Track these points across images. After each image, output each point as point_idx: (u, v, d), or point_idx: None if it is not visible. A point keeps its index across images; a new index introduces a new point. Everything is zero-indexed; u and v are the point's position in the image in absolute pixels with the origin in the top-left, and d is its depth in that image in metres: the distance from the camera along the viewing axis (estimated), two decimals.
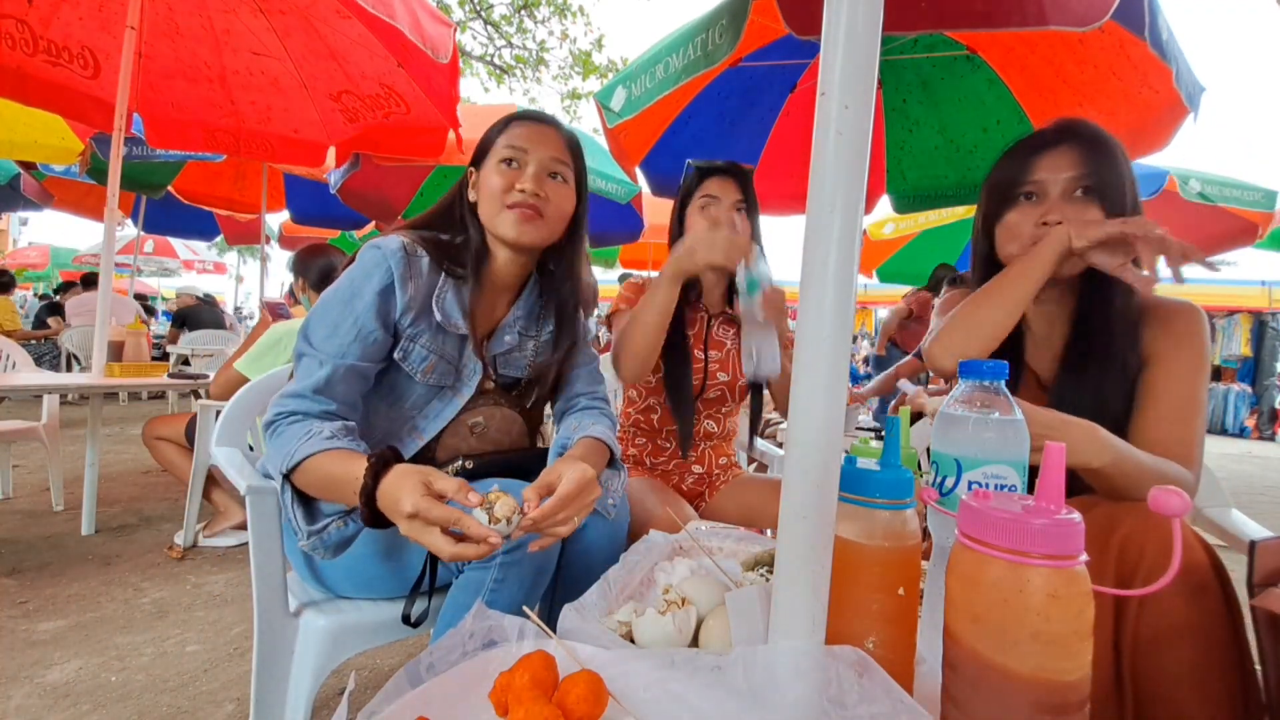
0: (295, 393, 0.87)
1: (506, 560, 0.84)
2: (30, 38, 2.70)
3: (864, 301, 10.78)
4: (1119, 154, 0.92)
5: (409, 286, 0.92)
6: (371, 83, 3.08)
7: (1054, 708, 0.41)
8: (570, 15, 9.10)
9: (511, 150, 0.97)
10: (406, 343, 0.94)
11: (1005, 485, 0.61)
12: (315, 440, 0.81)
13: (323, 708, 1.36)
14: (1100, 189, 0.90)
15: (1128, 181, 0.91)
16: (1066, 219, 0.89)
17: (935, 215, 4.73)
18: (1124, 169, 0.91)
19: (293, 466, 0.81)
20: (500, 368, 1.06)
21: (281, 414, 0.86)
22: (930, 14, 1.49)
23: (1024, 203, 0.94)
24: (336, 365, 0.88)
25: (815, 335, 0.50)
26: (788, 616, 0.51)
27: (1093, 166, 0.90)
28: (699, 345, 1.38)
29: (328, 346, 0.89)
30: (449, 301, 0.96)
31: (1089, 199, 0.90)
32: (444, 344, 0.97)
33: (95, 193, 5.17)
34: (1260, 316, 9.03)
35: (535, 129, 0.99)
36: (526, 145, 0.97)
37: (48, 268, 11.17)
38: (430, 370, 0.97)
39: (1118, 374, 0.90)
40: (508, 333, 1.06)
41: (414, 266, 0.94)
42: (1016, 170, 0.95)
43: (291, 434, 0.83)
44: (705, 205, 1.34)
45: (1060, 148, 0.92)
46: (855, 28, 0.50)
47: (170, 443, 2.37)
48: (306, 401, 0.86)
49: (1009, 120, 2.23)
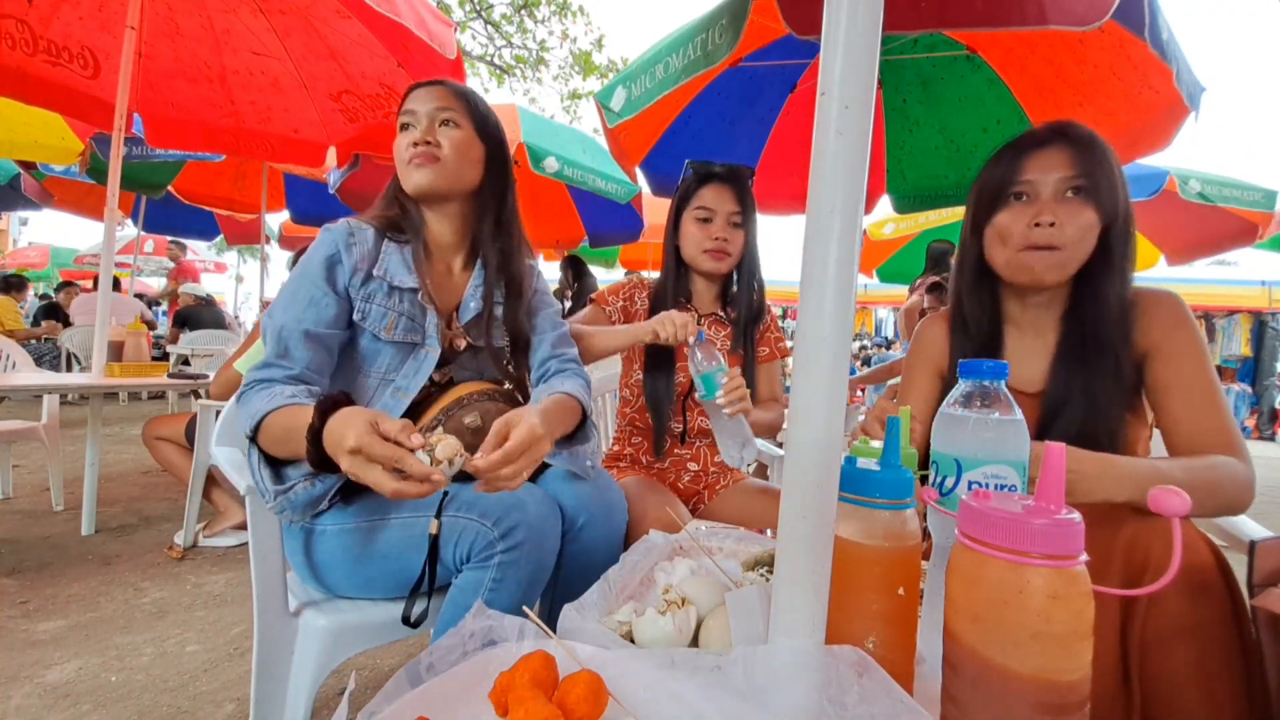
0: (261, 364, 0.92)
1: (505, 560, 0.84)
2: (30, 37, 2.70)
3: (864, 301, 10.78)
4: (1110, 157, 0.92)
5: (353, 252, 0.99)
6: (371, 83, 3.08)
7: (1054, 708, 0.41)
8: (570, 15, 9.10)
9: (406, 115, 1.05)
10: (362, 303, 1.00)
11: (1005, 485, 0.61)
12: (276, 399, 0.84)
13: (323, 708, 1.36)
14: (1092, 190, 0.89)
15: (1119, 184, 0.91)
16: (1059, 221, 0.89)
17: (935, 215, 4.74)
18: (1115, 172, 0.91)
19: (256, 425, 0.83)
20: (474, 337, 1.09)
21: (249, 384, 0.90)
22: (930, 14, 1.49)
23: (1014, 203, 0.93)
24: (292, 330, 0.93)
25: (815, 335, 0.50)
26: (788, 616, 0.51)
27: (1084, 167, 0.89)
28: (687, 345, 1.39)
29: (284, 316, 0.94)
30: (393, 263, 1.02)
31: (1081, 199, 0.89)
32: (401, 301, 1.02)
33: (95, 192, 5.18)
34: (1260, 316, 9.03)
35: (421, 91, 1.06)
36: (415, 106, 1.04)
37: (48, 268, 11.17)
38: (392, 327, 1.01)
39: (1110, 370, 0.90)
40: (471, 300, 1.10)
41: (357, 236, 1.01)
42: (1006, 170, 0.94)
43: (256, 398, 0.87)
44: (702, 219, 1.36)
45: (1051, 147, 0.91)
46: (855, 28, 0.50)
47: (170, 443, 2.37)
48: (270, 369, 0.91)
49: (1009, 120, 2.23)
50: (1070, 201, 0.89)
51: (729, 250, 1.36)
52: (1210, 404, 0.86)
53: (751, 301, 1.44)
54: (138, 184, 4.80)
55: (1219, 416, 0.86)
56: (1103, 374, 0.90)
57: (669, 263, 1.43)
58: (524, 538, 0.85)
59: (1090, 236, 0.89)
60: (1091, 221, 0.89)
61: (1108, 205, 0.89)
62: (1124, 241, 0.91)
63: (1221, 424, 0.85)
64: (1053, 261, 0.90)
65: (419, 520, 0.91)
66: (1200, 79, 1.69)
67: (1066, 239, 0.89)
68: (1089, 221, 0.88)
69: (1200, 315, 8.99)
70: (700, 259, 1.37)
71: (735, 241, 1.36)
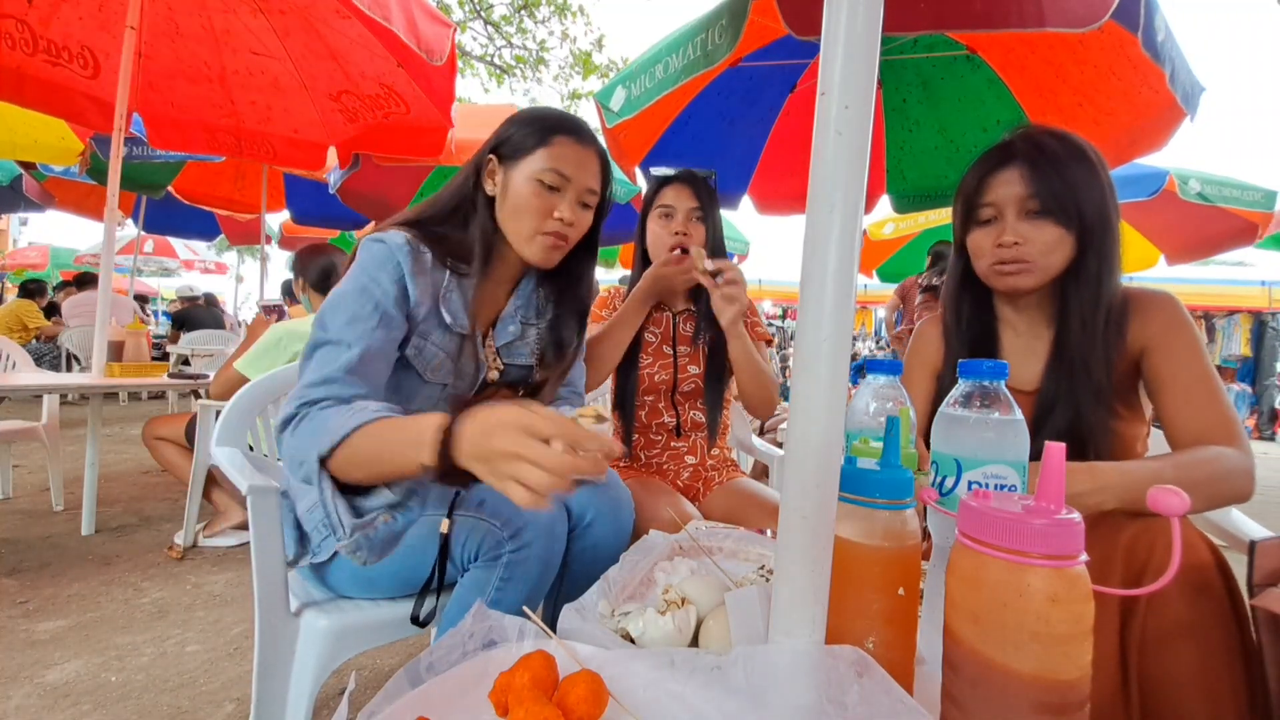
0: (324, 378, 0.78)
1: (513, 559, 0.84)
2: (30, 38, 2.70)
3: (864, 301, 10.79)
4: (1074, 162, 0.91)
5: (419, 282, 0.90)
6: (371, 83, 3.08)
7: (1054, 707, 0.41)
8: (570, 15, 9.10)
9: (555, 176, 0.94)
10: (419, 339, 0.92)
11: (1005, 485, 0.61)
12: (364, 414, 0.72)
13: (323, 708, 1.36)
14: (1050, 207, 0.90)
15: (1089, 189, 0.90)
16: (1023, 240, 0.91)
17: (935, 215, 4.74)
18: (1082, 177, 0.91)
19: (338, 442, 0.71)
20: (505, 357, 1.06)
21: (309, 402, 0.77)
22: (930, 14, 1.49)
23: (982, 224, 0.97)
24: (367, 345, 0.82)
25: (815, 335, 0.50)
26: (788, 616, 0.51)
27: (1039, 185, 0.90)
28: (667, 342, 1.44)
29: (351, 332, 0.82)
30: (454, 301, 0.95)
31: (1041, 218, 0.91)
32: (449, 342, 0.96)
33: (95, 193, 5.18)
34: (1260, 316, 9.03)
35: (579, 153, 0.96)
36: (570, 173, 0.95)
37: (48, 268, 11.16)
38: (439, 368, 0.95)
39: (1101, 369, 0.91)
40: (510, 323, 1.05)
41: (420, 262, 0.91)
42: (973, 191, 0.97)
43: (329, 416, 0.73)
44: (662, 215, 1.39)
45: (1008, 168, 0.93)
46: (855, 28, 0.50)
47: (170, 443, 2.37)
48: (338, 386, 0.78)
49: (1009, 120, 2.23)
50: (1031, 220, 0.92)
51: (690, 245, 1.37)
52: (1209, 397, 0.87)
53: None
54: (138, 184, 4.80)
55: (1218, 409, 0.86)
56: (1092, 373, 0.91)
57: (638, 267, 1.45)
58: (532, 537, 0.85)
59: (1058, 248, 0.91)
60: (1055, 236, 0.91)
61: (1073, 214, 0.90)
62: (1101, 244, 0.92)
63: (1221, 416, 0.86)
64: (1023, 275, 0.93)
65: (428, 519, 0.91)
66: (1200, 79, 1.69)
67: (1032, 254, 0.92)
68: (1052, 237, 0.91)
69: (1200, 315, 9.00)
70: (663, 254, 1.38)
71: (696, 235, 1.38)
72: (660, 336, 1.44)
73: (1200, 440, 0.85)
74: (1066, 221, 0.90)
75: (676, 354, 1.42)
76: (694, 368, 1.41)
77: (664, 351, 1.42)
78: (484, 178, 0.98)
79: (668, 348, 1.43)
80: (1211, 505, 0.82)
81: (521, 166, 0.95)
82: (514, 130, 0.97)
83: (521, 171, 0.94)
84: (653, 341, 1.43)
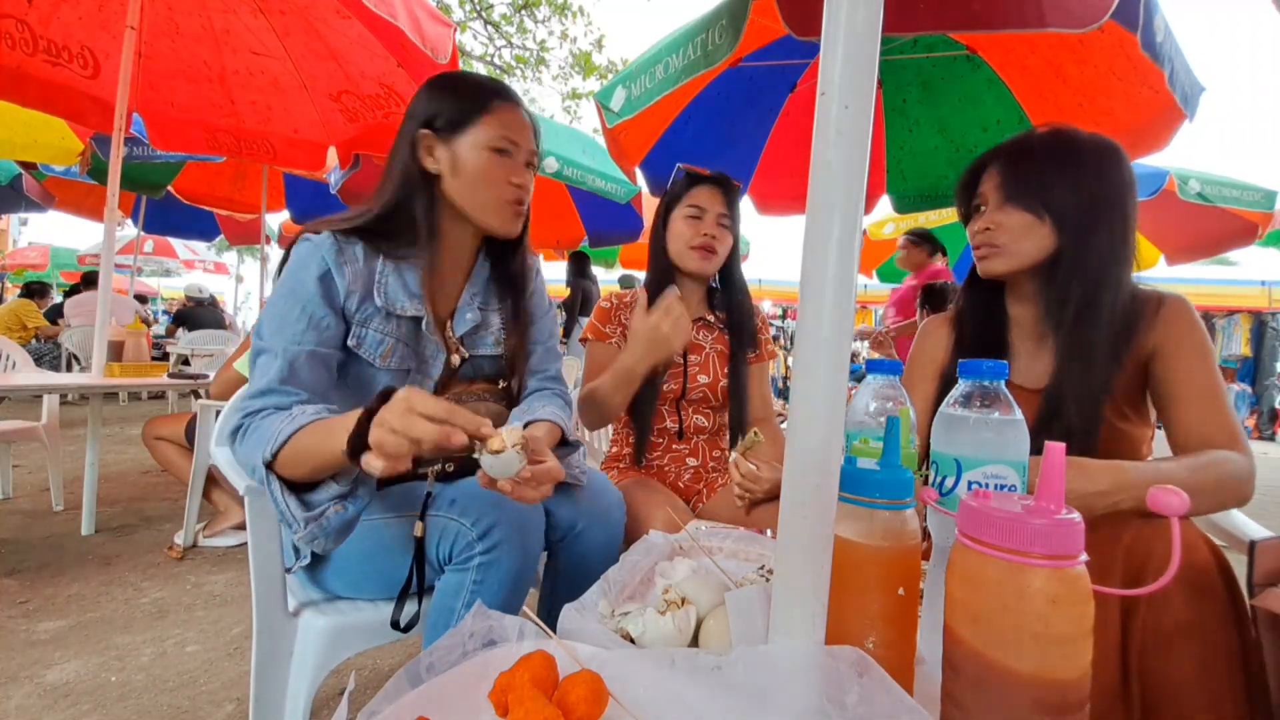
0: (261, 390, 0.82)
1: (484, 560, 0.83)
2: (30, 37, 2.70)
3: (864, 301, 10.78)
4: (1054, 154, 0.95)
5: (346, 272, 0.90)
6: (371, 83, 3.08)
7: (1054, 707, 0.41)
8: (570, 15, 9.11)
9: (506, 142, 0.95)
10: (358, 328, 0.91)
11: (1005, 485, 0.61)
12: (301, 419, 0.76)
13: (323, 708, 1.36)
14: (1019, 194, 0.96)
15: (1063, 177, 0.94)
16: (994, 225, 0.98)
17: (935, 215, 4.73)
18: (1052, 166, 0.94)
19: (279, 447, 0.75)
20: (470, 347, 1.04)
21: (251, 413, 0.80)
22: (930, 14, 1.49)
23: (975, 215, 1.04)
24: (296, 352, 0.84)
25: (815, 335, 0.50)
26: (788, 616, 0.51)
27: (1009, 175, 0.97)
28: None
29: (280, 338, 0.84)
30: (392, 286, 0.93)
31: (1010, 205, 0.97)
32: (398, 328, 0.94)
33: (95, 193, 5.18)
34: (1260, 316, 9.03)
35: (518, 117, 0.97)
36: (516, 138, 0.96)
37: (48, 268, 11.16)
38: (389, 354, 0.93)
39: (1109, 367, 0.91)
40: (468, 310, 1.03)
41: (347, 253, 0.91)
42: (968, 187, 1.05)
43: (269, 424, 0.77)
44: (691, 216, 1.36)
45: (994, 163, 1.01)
46: (855, 28, 0.50)
47: (170, 443, 2.37)
48: (276, 396, 0.81)
49: (1009, 120, 2.23)
50: (1002, 207, 0.98)
51: (716, 248, 1.36)
52: (1216, 403, 0.87)
53: (740, 303, 1.46)
54: (138, 184, 4.80)
55: (1223, 414, 0.87)
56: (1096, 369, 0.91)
57: (656, 265, 1.43)
58: (502, 537, 0.84)
59: (1029, 235, 0.96)
60: (1024, 222, 0.95)
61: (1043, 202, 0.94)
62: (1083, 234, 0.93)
63: (1227, 420, 0.86)
64: (994, 259, 1.00)
65: (402, 520, 0.91)
66: (1200, 79, 1.68)
67: (1001, 239, 0.98)
68: (1020, 222, 0.96)
69: (1200, 315, 8.98)
70: (687, 256, 1.36)
71: (723, 241, 1.37)
72: None
73: (1206, 445, 0.85)
74: (1035, 209, 0.95)
75: (687, 363, 1.40)
76: (704, 377, 1.40)
77: (675, 360, 1.39)
78: (420, 155, 0.96)
79: (678, 356, 1.40)
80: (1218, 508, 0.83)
81: (467, 138, 0.94)
82: (444, 103, 0.95)
83: (468, 142, 0.94)
84: None
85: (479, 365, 1.05)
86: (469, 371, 1.05)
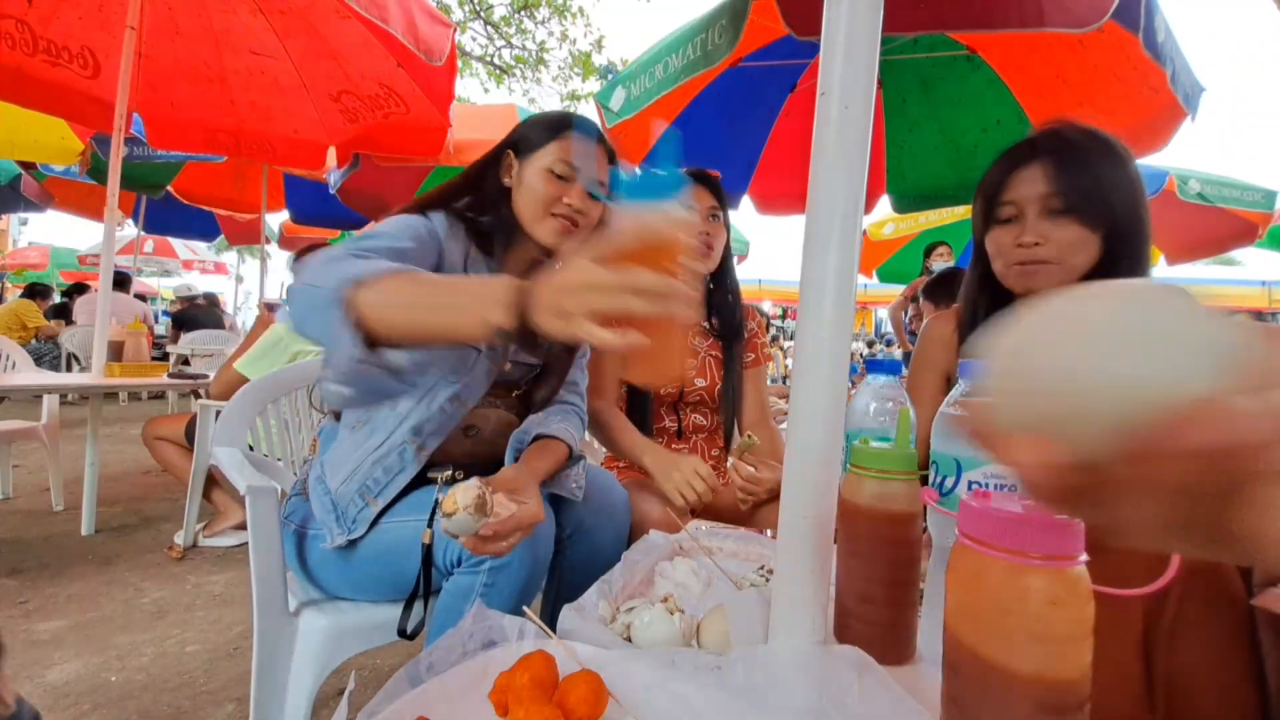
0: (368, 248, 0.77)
1: (495, 564, 0.83)
2: (30, 38, 2.70)
3: (864, 301, 10.78)
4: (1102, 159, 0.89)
5: (452, 245, 0.97)
6: (371, 83, 3.08)
7: (1054, 708, 0.41)
8: (570, 16, 9.11)
9: (564, 166, 1.01)
10: None
11: (1005, 485, 0.61)
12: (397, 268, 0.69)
13: (323, 708, 1.36)
14: (1074, 205, 0.87)
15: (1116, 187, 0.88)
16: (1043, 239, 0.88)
17: (935, 215, 4.74)
18: (1107, 174, 0.88)
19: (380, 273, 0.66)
20: (511, 355, 1.07)
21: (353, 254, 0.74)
22: (930, 14, 1.49)
23: (1003, 222, 0.94)
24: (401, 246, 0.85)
25: (815, 335, 0.50)
26: (788, 616, 0.51)
27: (1064, 183, 0.88)
28: None
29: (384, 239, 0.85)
30: (481, 271, 1.01)
31: (1063, 217, 0.88)
32: None
33: (95, 193, 5.17)
34: (1260, 316, 9.03)
35: (587, 147, 1.04)
36: (578, 164, 1.02)
37: (48, 268, 11.16)
38: None
39: None
40: None
41: (455, 231, 0.99)
42: (995, 188, 0.95)
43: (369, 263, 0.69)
44: None
45: (1031, 165, 0.91)
46: (855, 28, 0.50)
47: (170, 443, 2.37)
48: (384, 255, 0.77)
49: (1009, 120, 2.23)
50: (1053, 219, 0.89)
51: (712, 244, 1.37)
52: None
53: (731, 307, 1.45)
54: (138, 184, 4.80)
55: None
56: None
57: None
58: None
59: (1081, 249, 0.88)
60: (1078, 236, 0.88)
61: (1100, 213, 0.87)
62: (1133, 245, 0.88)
63: None
64: (1041, 276, 0.90)
65: (409, 525, 0.91)
66: (1200, 79, 1.68)
67: (1053, 255, 0.89)
68: (1074, 236, 0.88)
69: None
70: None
71: (718, 236, 1.37)
72: None
73: None
74: (1091, 221, 0.87)
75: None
76: (700, 381, 1.41)
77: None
78: (502, 172, 1.05)
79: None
80: None
81: (535, 160, 1.02)
82: (530, 129, 1.05)
83: (534, 164, 1.02)
84: None
85: (513, 372, 1.08)
86: (501, 378, 1.07)
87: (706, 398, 1.42)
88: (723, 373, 1.43)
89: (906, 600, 0.54)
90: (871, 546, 0.54)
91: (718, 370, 1.43)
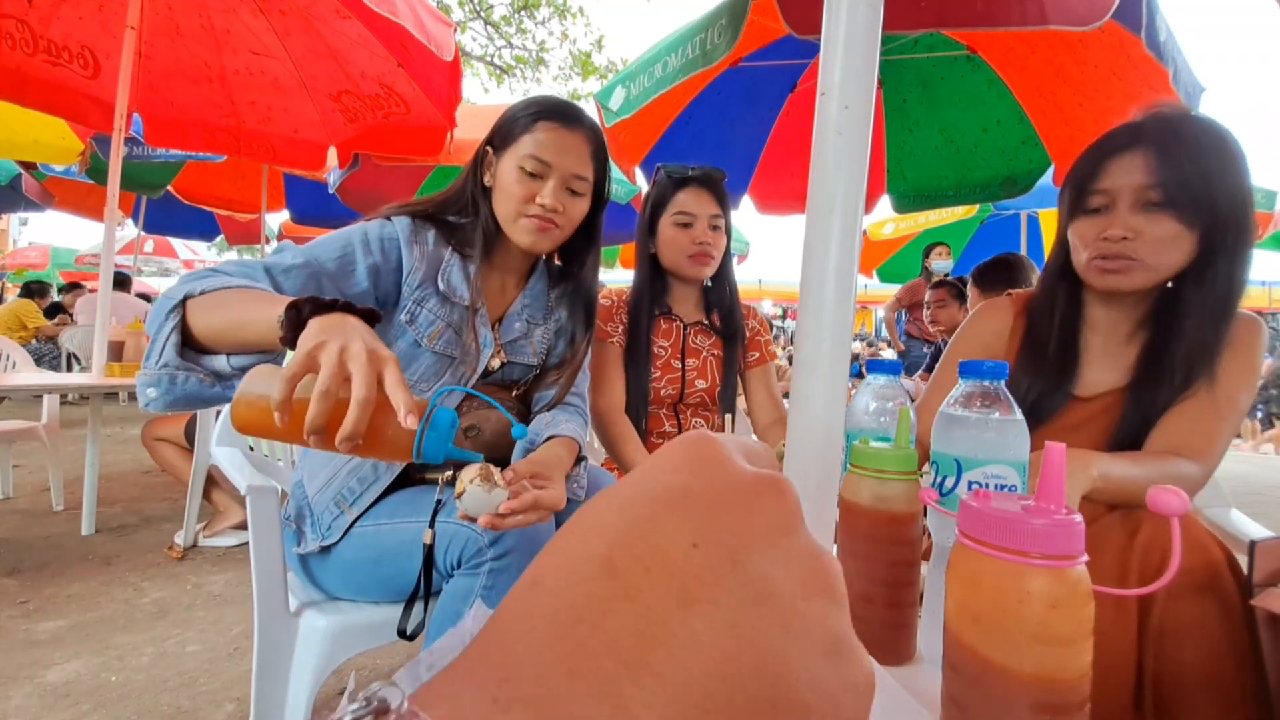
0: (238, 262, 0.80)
1: (496, 566, 0.83)
2: (30, 37, 2.70)
3: (864, 301, 10.79)
4: (1207, 152, 0.80)
5: (414, 251, 0.95)
6: (371, 83, 3.08)
7: (1054, 707, 0.41)
8: (570, 16, 9.11)
9: (535, 163, 0.96)
10: (413, 305, 0.95)
11: (1005, 485, 0.61)
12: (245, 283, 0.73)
13: (323, 708, 1.36)
14: (1173, 199, 0.79)
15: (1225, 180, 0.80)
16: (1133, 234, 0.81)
17: (935, 215, 4.73)
18: (1215, 166, 0.80)
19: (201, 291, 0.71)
20: (509, 353, 1.06)
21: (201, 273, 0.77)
22: (930, 14, 1.49)
23: (1092, 213, 0.87)
24: (307, 259, 0.85)
25: (815, 335, 0.50)
26: None
27: (1165, 174, 0.79)
28: (676, 355, 1.40)
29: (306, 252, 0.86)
30: (455, 274, 0.98)
31: (1160, 210, 0.80)
32: (451, 313, 0.98)
33: (95, 193, 5.17)
34: (1260, 316, 9.03)
35: (563, 138, 0.97)
36: (552, 159, 0.96)
37: (48, 268, 11.16)
38: (437, 336, 0.96)
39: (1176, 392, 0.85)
40: (516, 320, 1.07)
41: (420, 235, 0.96)
42: (1086, 177, 0.87)
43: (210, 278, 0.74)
44: (682, 224, 1.33)
45: (1131, 152, 0.82)
46: (855, 28, 0.50)
47: (170, 443, 2.37)
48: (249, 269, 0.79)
49: (1009, 120, 2.23)
50: (1149, 212, 0.81)
51: (713, 254, 1.35)
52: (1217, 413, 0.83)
53: (730, 305, 1.45)
54: (138, 184, 4.80)
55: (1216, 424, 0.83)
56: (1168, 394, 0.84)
57: (644, 271, 1.39)
58: (514, 544, 0.84)
59: (1174, 247, 0.82)
60: (1173, 233, 0.80)
61: (1201, 210, 0.79)
62: (1235, 246, 0.82)
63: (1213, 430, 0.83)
64: (1127, 274, 0.84)
65: (411, 526, 0.90)
66: (1200, 79, 1.68)
67: (1142, 252, 0.82)
68: (1168, 233, 0.80)
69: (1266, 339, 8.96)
70: (684, 265, 1.34)
71: (719, 245, 1.35)
72: (670, 350, 1.39)
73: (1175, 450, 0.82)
74: (1190, 217, 0.79)
75: (685, 367, 1.39)
76: (701, 382, 1.40)
77: (673, 365, 1.39)
78: (483, 170, 1.02)
79: (676, 361, 1.39)
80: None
81: (509, 155, 0.98)
82: (505, 121, 1.00)
83: (508, 160, 0.98)
84: (662, 355, 1.39)
85: (510, 372, 1.07)
86: (500, 376, 1.07)
87: (707, 399, 1.41)
88: (723, 373, 1.42)
89: (906, 600, 0.54)
90: (871, 547, 0.54)
91: (718, 371, 1.42)
